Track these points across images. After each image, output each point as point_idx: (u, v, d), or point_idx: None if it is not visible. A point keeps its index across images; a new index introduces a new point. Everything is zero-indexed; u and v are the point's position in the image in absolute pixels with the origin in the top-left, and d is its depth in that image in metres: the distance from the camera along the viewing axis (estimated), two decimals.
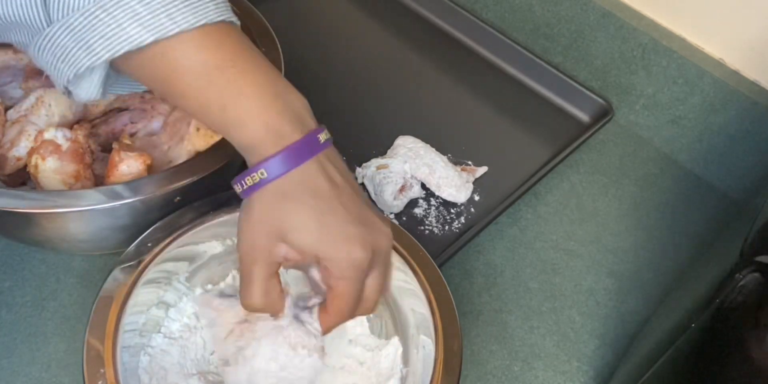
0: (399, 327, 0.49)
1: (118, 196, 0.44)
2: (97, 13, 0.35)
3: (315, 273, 0.40)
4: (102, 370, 0.40)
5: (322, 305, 0.41)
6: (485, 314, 0.58)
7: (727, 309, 0.38)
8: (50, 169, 0.49)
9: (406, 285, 0.48)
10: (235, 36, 0.39)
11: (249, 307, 0.40)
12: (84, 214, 0.45)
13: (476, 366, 0.54)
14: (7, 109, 0.55)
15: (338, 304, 0.39)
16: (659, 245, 0.64)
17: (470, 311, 0.57)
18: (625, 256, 0.63)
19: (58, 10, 0.35)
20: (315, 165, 0.38)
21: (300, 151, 0.38)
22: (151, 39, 0.35)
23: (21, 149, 0.51)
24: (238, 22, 0.40)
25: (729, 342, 0.39)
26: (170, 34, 0.35)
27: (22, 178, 0.53)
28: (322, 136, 0.39)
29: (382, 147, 0.66)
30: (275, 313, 0.42)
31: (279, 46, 0.57)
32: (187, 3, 0.36)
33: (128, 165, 0.49)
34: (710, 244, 0.63)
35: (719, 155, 0.69)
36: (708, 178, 0.70)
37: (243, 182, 0.38)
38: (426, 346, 0.45)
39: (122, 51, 0.36)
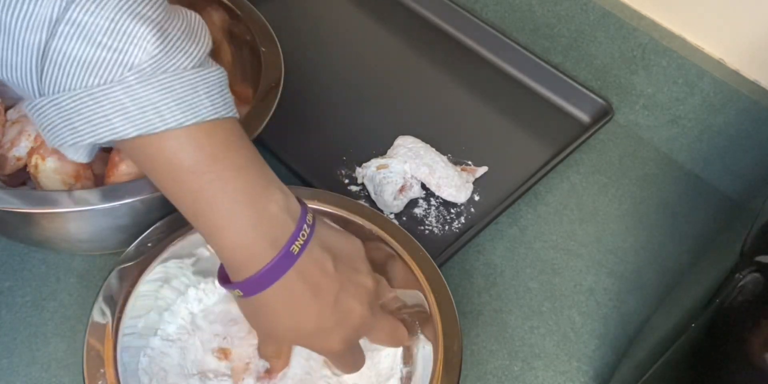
0: None
1: (118, 196, 0.44)
2: (85, 99, 0.34)
3: None
4: (102, 370, 0.40)
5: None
6: (485, 314, 0.58)
7: (727, 309, 0.38)
8: (50, 169, 0.49)
9: (405, 284, 0.48)
10: (223, 134, 0.37)
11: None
12: (84, 214, 0.45)
13: (476, 366, 0.54)
14: (7, 109, 0.55)
15: (339, 367, 0.46)
16: (659, 245, 0.64)
17: (470, 311, 0.57)
18: (625, 256, 0.63)
19: (49, 86, 0.34)
20: (291, 276, 0.38)
21: (271, 273, 0.37)
22: (135, 133, 0.34)
23: (21, 149, 0.51)
24: (236, 115, 0.38)
25: (729, 342, 0.38)
26: (155, 131, 0.34)
27: (22, 178, 0.53)
28: (299, 242, 0.38)
29: (382, 147, 0.66)
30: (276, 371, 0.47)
31: (279, 46, 0.57)
32: (179, 101, 0.34)
33: (128, 165, 0.49)
34: (710, 244, 0.63)
35: (719, 155, 0.69)
36: (708, 178, 0.70)
37: (228, 291, 0.40)
38: (426, 346, 0.45)
39: (105, 139, 0.35)
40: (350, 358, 0.44)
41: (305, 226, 0.39)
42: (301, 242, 0.38)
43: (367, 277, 0.42)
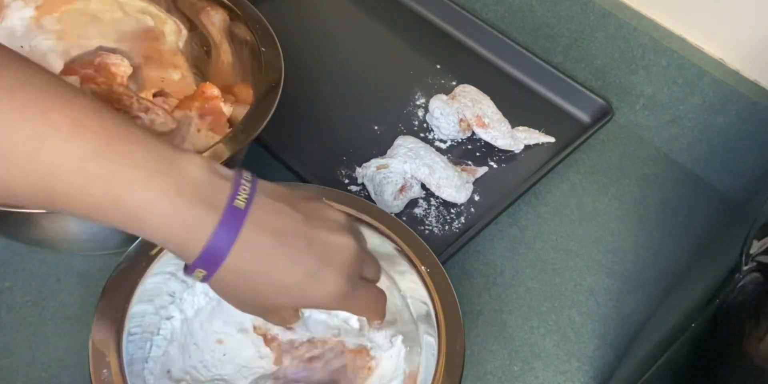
0: (403, 326, 0.49)
1: None
2: None
3: None
4: (106, 371, 0.40)
5: None
6: (485, 314, 0.58)
7: (727, 309, 0.38)
8: None
9: (410, 285, 0.48)
10: (108, 110, 0.33)
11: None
12: None
13: (476, 366, 0.54)
14: None
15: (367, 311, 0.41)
16: (659, 245, 0.64)
17: (470, 311, 0.57)
18: (625, 256, 0.63)
19: None
20: (247, 232, 0.34)
21: (223, 236, 0.33)
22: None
23: None
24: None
25: (729, 342, 0.39)
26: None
27: None
28: (242, 196, 0.34)
29: (382, 147, 0.66)
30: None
31: (279, 46, 0.57)
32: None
33: None
34: (710, 244, 0.63)
35: (719, 155, 0.69)
36: (708, 178, 0.70)
37: (192, 277, 0.35)
38: (429, 346, 0.45)
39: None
40: (367, 298, 0.39)
41: (243, 181, 0.35)
42: (245, 196, 0.34)
43: (333, 211, 0.38)
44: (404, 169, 0.62)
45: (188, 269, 0.35)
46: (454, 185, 0.62)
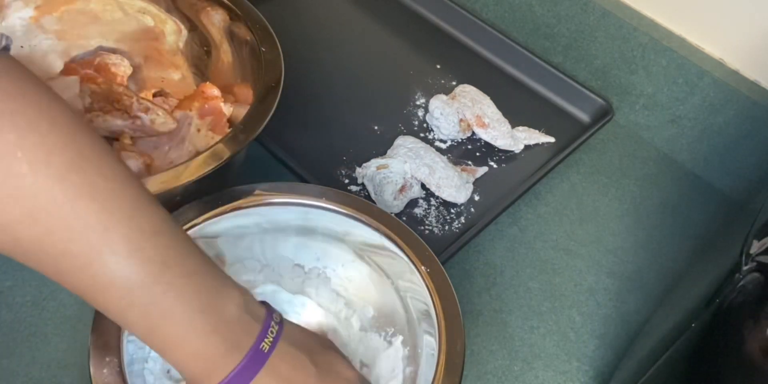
0: (403, 326, 0.49)
1: None
2: None
3: None
4: (106, 371, 0.40)
5: None
6: (485, 314, 0.58)
7: (727, 309, 0.38)
8: None
9: (410, 285, 0.48)
10: (169, 235, 0.34)
11: None
12: None
13: (476, 366, 0.54)
14: None
15: None
16: (659, 245, 0.64)
17: (470, 311, 0.57)
18: (625, 256, 0.63)
19: None
20: (262, 377, 0.35)
21: (239, 378, 0.34)
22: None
23: None
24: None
25: (729, 342, 0.39)
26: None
27: None
28: (268, 339, 0.36)
29: (382, 147, 0.66)
30: None
31: (279, 46, 0.57)
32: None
33: (128, 165, 0.49)
34: (710, 244, 0.63)
35: (719, 155, 0.69)
36: (708, 178, 0.70)
37: None
38: (429, 346, 0.45)
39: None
40: None
41: (272, 323, 0.37)
42: (270, 340, 0.36)
43: (346, 367, 0.40)
44: (404, 169, 0.62)
45: None
46: (454, 185, 0.62)
